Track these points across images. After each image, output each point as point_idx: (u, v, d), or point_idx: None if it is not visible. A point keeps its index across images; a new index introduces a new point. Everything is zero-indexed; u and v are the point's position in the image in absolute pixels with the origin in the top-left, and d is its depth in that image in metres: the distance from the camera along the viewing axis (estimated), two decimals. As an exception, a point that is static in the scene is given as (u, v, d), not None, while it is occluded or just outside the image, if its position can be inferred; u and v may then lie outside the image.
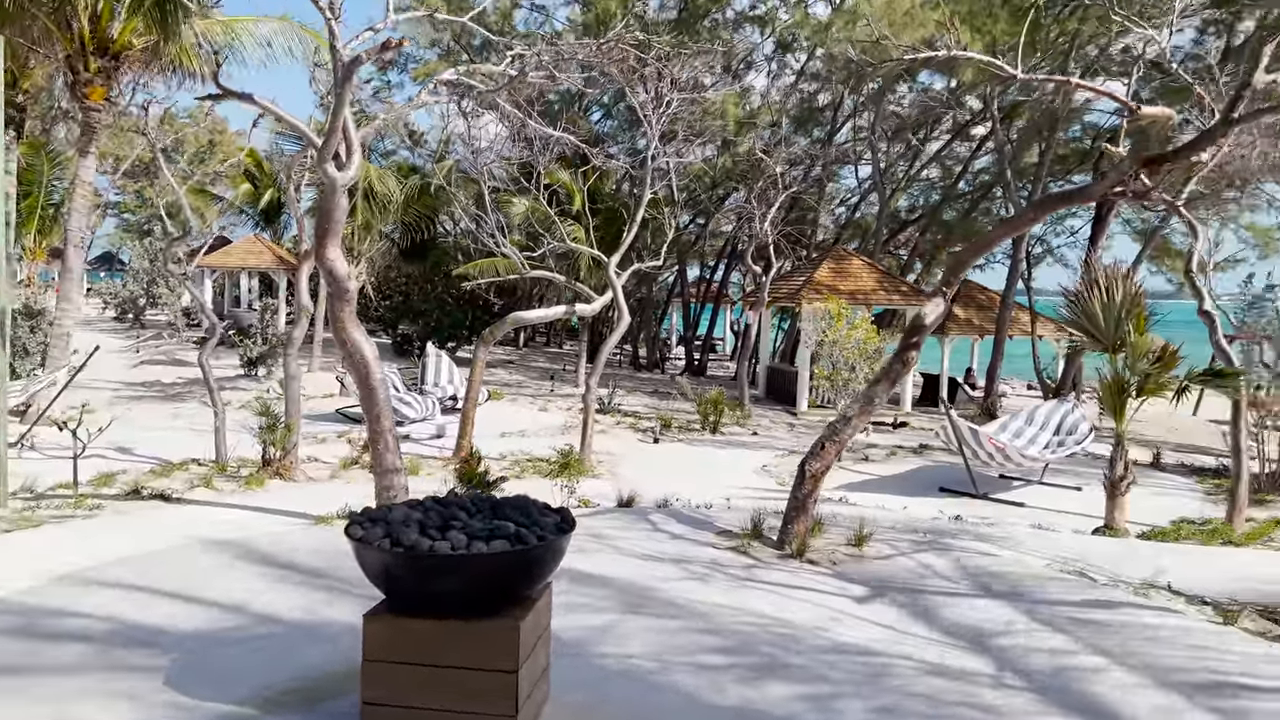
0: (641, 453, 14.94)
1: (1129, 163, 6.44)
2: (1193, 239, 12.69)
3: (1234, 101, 6.12)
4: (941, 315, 7.66)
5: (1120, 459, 10.26)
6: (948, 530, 9.38)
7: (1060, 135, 25.55)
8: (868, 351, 14.59)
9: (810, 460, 7.64)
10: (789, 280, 23.90)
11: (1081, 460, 14.85)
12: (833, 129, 28.72)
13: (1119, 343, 9.85)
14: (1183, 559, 8.71)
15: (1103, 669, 5.42)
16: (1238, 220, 26.49)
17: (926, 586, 6.95)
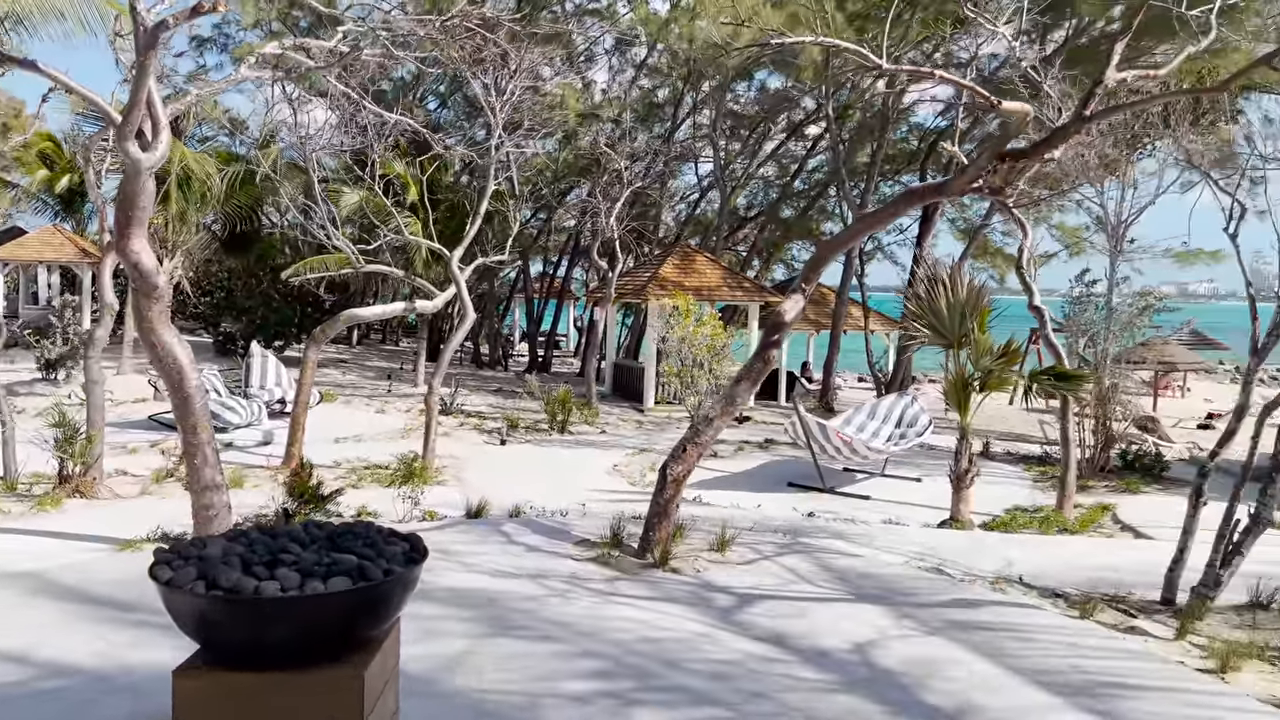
0: (488, 456, 14.33)
1: (987, 158, 6.41)
2: (1022, 236, 13.14)
3: (1087, 99, 6.16)
4: (800, 312, 7.49)
5: (964, 452, 10.46)
6: (805, 528, 9.29)
7: (891, 136, 26.43)
8: (716, 348, 14.47)
9: (672, 464, 7.32)
10: (634, 276, 23.72)
11: (918, 451, 15.25)
12: (674, 125, 28.76)
13: (962, 339, 10.02)
14: (1027, 550, 8.91)
15: (979, 675, 5.31)
16: (1048, 220, 28.12)
17: (794, 592, 6.74)
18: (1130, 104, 7.22)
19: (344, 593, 3.57)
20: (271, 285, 25.95)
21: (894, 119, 25.63)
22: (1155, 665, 5.68)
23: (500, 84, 13.98)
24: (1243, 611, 7.04)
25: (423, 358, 24.36)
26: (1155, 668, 5.64)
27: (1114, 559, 8.72)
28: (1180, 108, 13.41)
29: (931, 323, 10.19)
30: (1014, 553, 8.63)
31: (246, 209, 25.60)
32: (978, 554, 8.55)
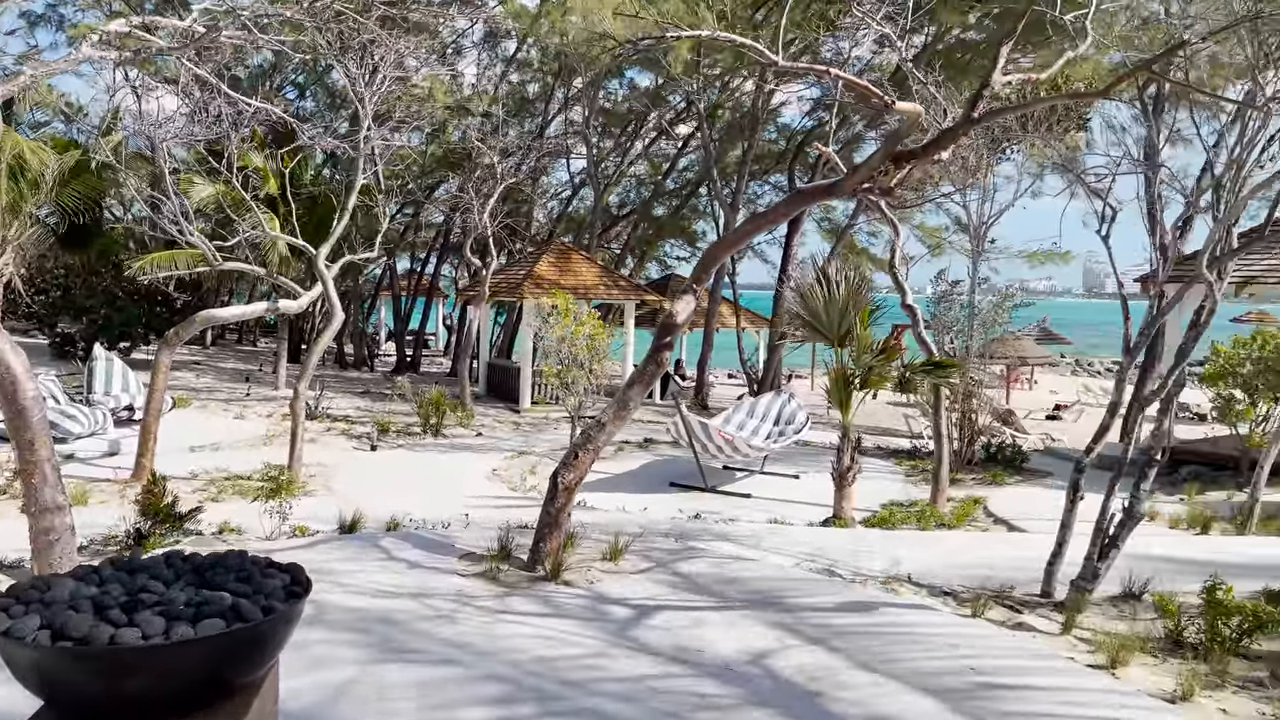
0: (358, 463, 13.67)
1: (879, 158, 6.37)
2: (894, 236, 13.42)
3: (974, 100, 6.19)
4: (692, 313, 7.33)
5: (846, 450, 10.54)
6: (693, 531, 9.16)
7: (760, 137, 26.77)
8: (597, 348, 14.22)
9: (563, 471, 7.03)
10: (508, 273, 23.23)
11: (794, 448, 15.41)
12: (545, 121, 28.38)
13: (844, 336, 10.09)
14: (911, 547, 9.02)
15: (883, 682, 5.24)
16: (910, 221, 29.09)
17: (690, 601, 6.56)
18: (1015, 106, 7.35)
19: (218, 637, 3.16)
20: (115, 283, 24.22)
21: (764, 119, 25.95)
22: (1050, 663, 5.75)
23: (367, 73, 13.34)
24: (1118, 602, 7.27)
25: (284, 359, 23.21)
26: (1050, 665, 5.71)
27: (992, 553, 8.91)
28: (1037, 114, 13.95)
29: (813, 320, 10.22)
30: (899, 550, 8.72)
31: (86, 201, 23.80)
32: (864, 553, 8.60)
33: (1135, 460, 7.34)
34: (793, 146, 27.87)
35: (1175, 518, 11.09)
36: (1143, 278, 16.09)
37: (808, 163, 26.73)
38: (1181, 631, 6.29)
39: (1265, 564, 8.52)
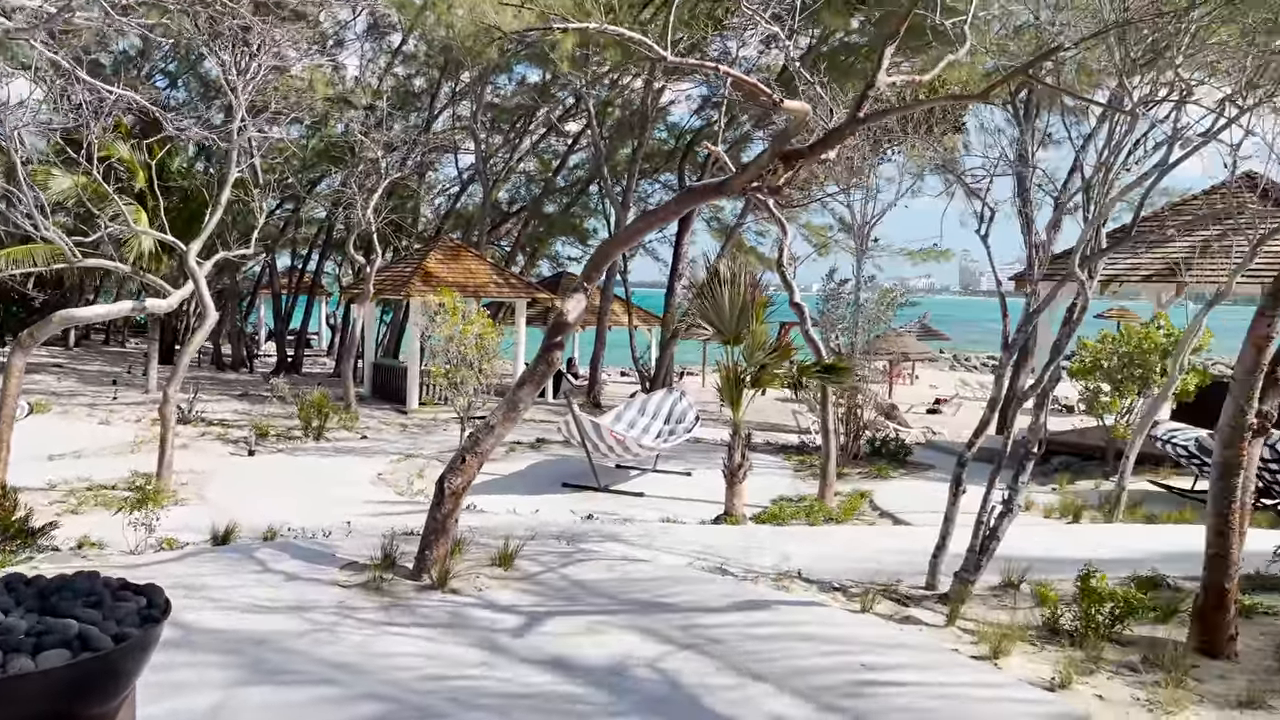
0: (235, 469, 13.07)
1: (767, 157, 6.37)
2: (782, 235, 13.55)
3: (860, 101, 6.24)
4: (584, 312, 7.20)
5: (737, 448, 10.59)
6: (585, 533, 9.03)
7: (650, 135, 26.81)
8: (487, 347, 13.96)
9: (450, 476, 6.81)
10: (394, 271, 22.64)
11: (686, 445, 15.45)
12: (431, 115, 27.79)
13: (739, 334, 10.12)
14: (801, 542, 9.11)
15: (780, 683, 5.21)
16: (798, 220, 29.61)
17: (583, 606, 6.44)
18: (899, 108, 7.48)
19: (62, 669, 2.89)
20: (-35, 281, 22.60)
21: (653, 117, 25.98)
22: (934, 656, 5.84)
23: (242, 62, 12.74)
24: (999, 593, 7.47)
25: (154, 360, 22.09)
26: (935, 658, 5.80)
27: (880, 547, 9.07)
28: (917, 117, 14.33)
29: (711, 318, 10.23)
30: (789, 546, 8.78)
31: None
32: (755, 549, 8.63)
33: (1013, 453, 7.55)
34: (682, 145, 28.00)
35: (1049, 507, 11.53)
36: (1017, 276, 16.73)
37: (697, 162, 26.91)
38: (1058, 619, 6.49)
39: (1134, 552, 8.90)
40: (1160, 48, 6.77)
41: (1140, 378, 13.65)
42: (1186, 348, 11.42)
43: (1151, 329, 13.99)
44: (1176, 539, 9.54)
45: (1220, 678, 5.75)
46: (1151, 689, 5.44)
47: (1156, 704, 5.21)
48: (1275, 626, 6.75)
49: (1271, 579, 7.68)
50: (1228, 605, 6.23)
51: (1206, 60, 7.57)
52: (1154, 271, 15.02)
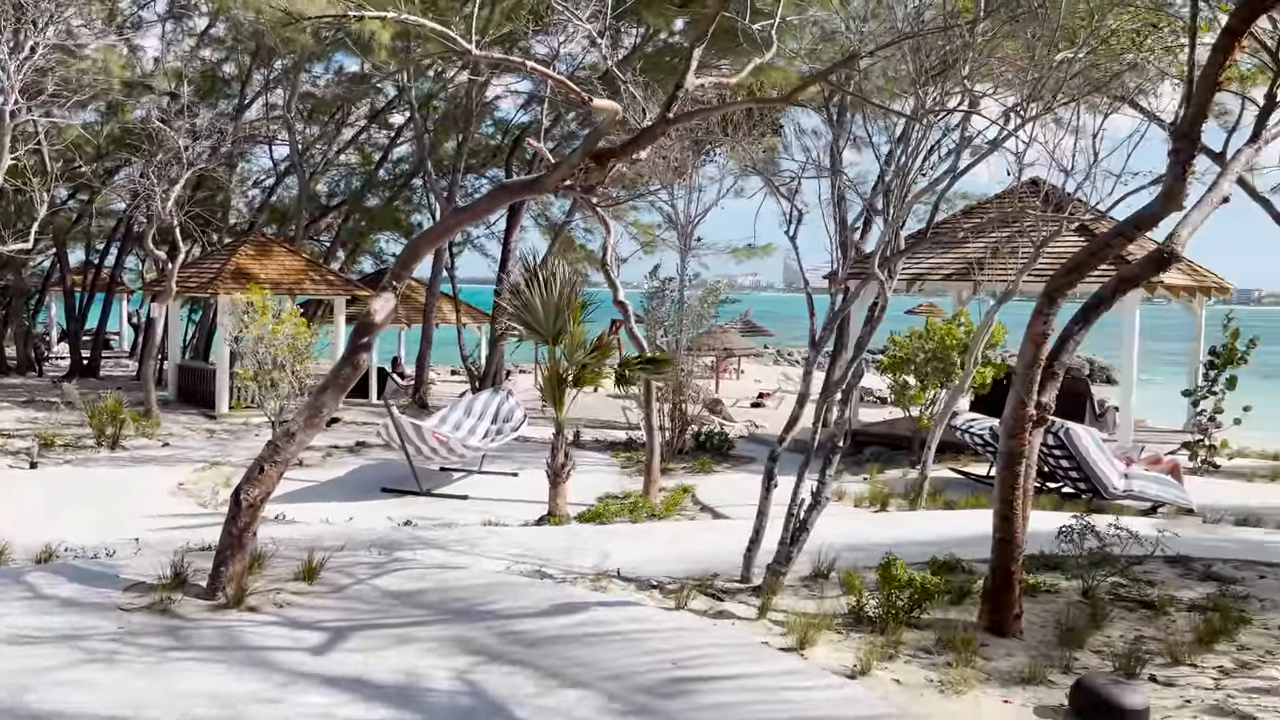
0: (13, 483, 11.94)
1: (579, 156, 6.31)
2: (605, 234, 13.58)
3: (670, 102, 6.28)
4: (392, 312, 6.93)
5: (560, 447, 10.51)
6: (402, 540, 8.74)
7: (476, 130, 26.37)
8: (299, 347, 13.31)
9: (247, 487, 6.41)
10: (201, 267, 21.33)
11: (514, 444, 15.26)
12: (242, 103, 26.36)
13: (558, 334, 10.04)
14: (623, 541, 9.12)
15: (591, 686, 5.16)
16: (625, 218, 29.83)
17: (393, 619, 6.19)
18: (709, 109, 7.58)
19: None
20: None
21: (478, 111, 25.56)
22: (744, 651, 5.94)
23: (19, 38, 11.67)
24: (810, 583, 7.70)
25: (-77, 366, 19.98)
26: (744, 653, 5.90)
27: (698, 542, 9.20)
28: (736, 118, 14.67)
29: (527, 319, 10.09)
30: (611, 545, 8.77)
31: None
32: (577, 550, 8.58)
33: (821, 446, 7.79)
34: (509, 141, 27.70)
35: (859, 496, 12.02)
36: (830, 274, 17.41)
37: (524, 158, 26.69)
38: (863, 607, 6.74)
39: (935, 537, 9.38)
40: (950, 59, 7.15)
41: (943, 371, 14.45)
42: (980, 343, 12.16)
43: (953, 326, 14.83)
44: (973, 523, 10.12)
45: (1007, 655, 6.11)
46: (944, 670, 5.72)
47: (948, 684, 5.48)
48: (1056, 603, 7.23)
49: (1054, 558, 8.24)
50: (1013, 586, 6.64)
51: (993, 72, 8.05)
52: (952, 271, 15.94)
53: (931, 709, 5.18)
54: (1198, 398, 14.85)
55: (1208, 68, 5.60)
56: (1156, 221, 6.09)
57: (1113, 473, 11.41)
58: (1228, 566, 8.27)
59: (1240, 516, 10.71)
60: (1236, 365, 14.49)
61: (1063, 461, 11.72)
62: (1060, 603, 7.27)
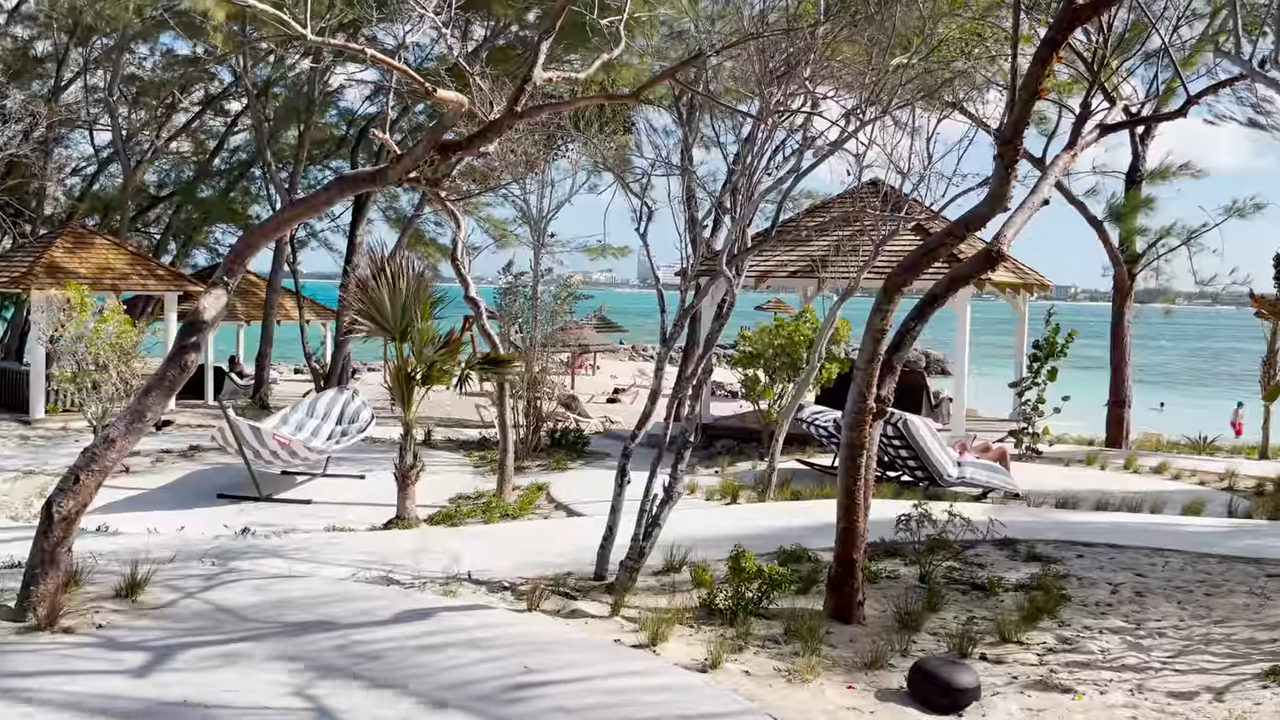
0: None
1: (424, 148, 6.12)
2: (455, 228, 13.29)
3: (517, 95, 6.17)
4: (224, 308, 6.55)
5: (408, 448, 10.22)
6: (238, 550, 8.30)
7: (319, 119, 25.40)
8: (124, 347, 12.46)
9: (60, 499, 5.91)
10: (12, 261, 19.70)
11: (361, 446, 14.79)
12: (58, 84, 24.51)
13: (405, 330, 9.75)
14: (475, 542, 8.95)
15: (429, 696, 5.01)
16: (477, 213, 29.35)
17: (224, 634, 5.84)
18: (559, 104, 7.50)
19: None
20: None
21: (321, 100, 24.62)
22: (596, 650, 5.90)
23: None
24: (663, 577, 7.75)
25: None
26: (597, 652, 5.86)
27: (552, 541, 9.13)
28: (589, 115, 14.63)
29: (373, 314, 9.76)
30: (462, 547, 8.59)
31: None
32: (426, 553, 8.36)
33: (674, 440, 7.84)
34: (354, 132, 26.81)
35: (711, 489, 12.21)
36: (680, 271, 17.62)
37: (372, 150, 25.88)
38: (714, 600, 6.82)
39: (783, 528, 9.61)
40: (793, 61, 7.31)
41: (791, 366, 14.84)
42: (825, 338, 12.53)
43: (800, 322, 15.25)
44: (820, 513, 10.41)
45: (850, 642, 6.29)
46: (791, 659, 5.84)
47: (795, 673, 5.60)
48: (896, 589, 7.52)
49: (893, 545, 8.57)
50: (856, 574, 6.86)
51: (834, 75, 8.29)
52: (798, 268, 16.40)
53: (779, 699, 5.27)
54: (1023, 388, 15.78)
55: (1028, 76, 5.91)
56: (985, 221, 6.40)
57: (947, 461, 11.98)
58: (1049, 547, 8.80)
59: (1060, 499, 11.42)
60: (1057, 358, 15.47)
61: (901, 451, 12.22)
62: (899, 588, 7.56)
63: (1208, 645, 6.29)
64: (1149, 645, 6.29)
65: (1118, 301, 18.28)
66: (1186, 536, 9.36)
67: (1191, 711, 5.23)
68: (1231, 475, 13.76)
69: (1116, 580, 7.83)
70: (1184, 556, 8.54)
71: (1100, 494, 11.77)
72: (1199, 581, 7.81)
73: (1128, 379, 18.37)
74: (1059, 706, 5.25)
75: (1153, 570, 8.14)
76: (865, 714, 5.14)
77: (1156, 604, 7.22)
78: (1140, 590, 7.56)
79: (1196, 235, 17.62)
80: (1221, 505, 11.45)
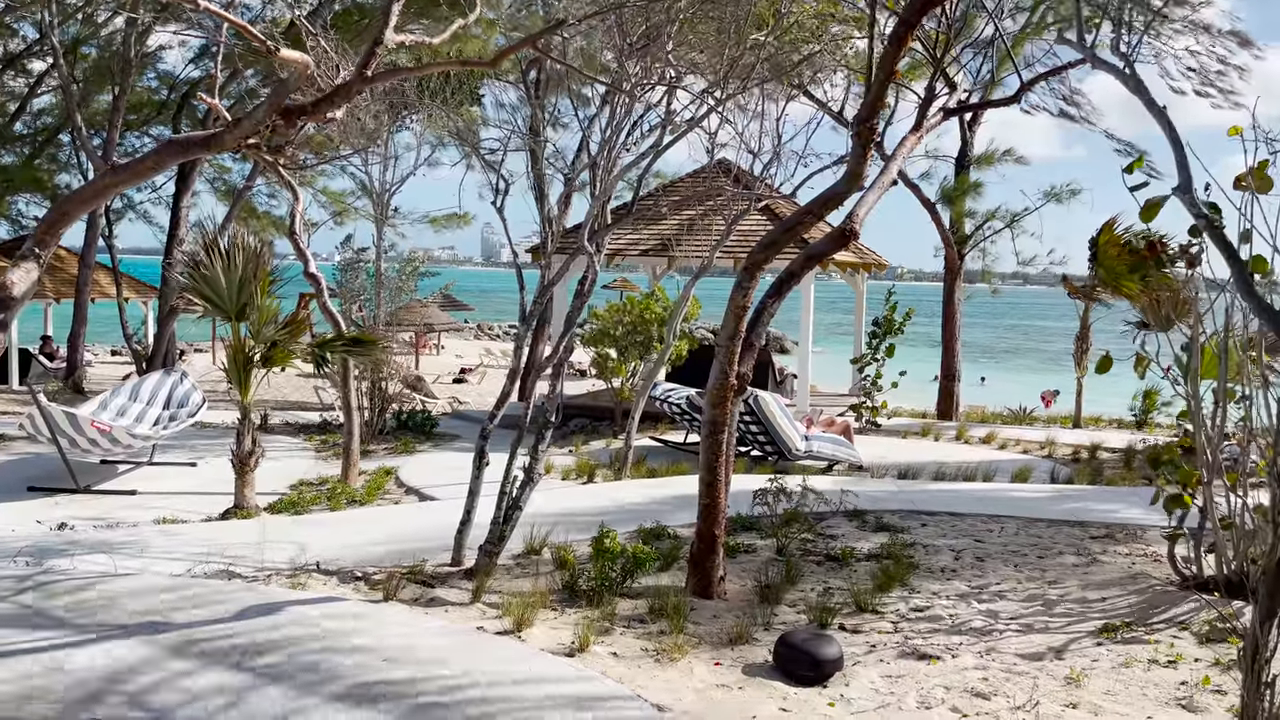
0: None
1: (265, 112, 5.68)
2: (293, 200, 12.60)
3: (367, 58, 5.81)
4: (35, 283, 5.91)
5: (246, 432, 9.63)
6: (56, 546, 7.60)
7: (136, 82, 23.61)
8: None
9: None
10: None
11: (191, 432, 13.90)
12: None
13: (243, 309, 9.15)
14: (321, 530, 8.55)
15: (276, 698, 4.70)
16: (314, 185, 28.05)
17: (41, 640, 5.31)
18: (412, 69, 7.13)
19: None
20: None
21: (139, 62, 22.87)
22: (459, 639, 5.69)
23: None
24: (523, 560, 7.59)
25: None
26: (460, 641, 5.66)
27: (405, 526, 8.81)
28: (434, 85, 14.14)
29: (206, 293, 9.10)
30: (308, 536, 8.18)
31: None
32: (269, 544, 7.91)
33: (533, 421, 7.67)
34: (177, 97, 25.08)
35: (566, 469, 12.10)
36: (534, 248, 17.35)
37: (196, 116, 24.30)
38: (577, 581, 6.72)
39: (640, 505, 9.61)
40: (653, 35, 7.22)
41: (642, 344, 14.88)
42: (679, 316, 12.60)
43: (651, 300, 15.30)
44: (675, 489, 10.51)
45: (714, 618, 6.32)
46: (658, 639, 5.81)
47: (663, 653, 5.56)
48: (755, 563, 7.63)
49: (749, 520, 8.71)
50: (718, 550, 6.89)
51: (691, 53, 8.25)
52: (650, 247, 16.44)
53: (648, 679, 5.23)
54: (863, 364, 16.39)
55: (884, 58, 6.03)
56: (843, 200, 6.51)
57: (795, 436, 12.29)
58: (895, 517, 9.14)
59: (901, 470, 11.92)
60: (895, 335, 16.14)
61: (752, 427, 12.45)
62: (758, 561, 7.67)
63: (1046, 607, 6.65)
64: (993, 609, 6.60)
65: (949, 281, 19.23)
66: (1018, 503, 9.93)
67: (1036, 670, 5.50)
68: (1051, 444, 14.73)
69: (958, 546, 8.20)
70: (1017, 521, 9.05)
71: (937, 464, 12.35)
72: (1031, 545, 8.28)
73: (957, 355, 19.39)
74: (916, 673, 5.42)
75: (989, 536, 8.58)
76: (734, 690, 5.16)
77: (995, 568, 7.61)
78: (980, 555, 7.95)
79: (1020, 218, 18.73)
80: (1044, 472, 12.21)
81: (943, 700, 5.04)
